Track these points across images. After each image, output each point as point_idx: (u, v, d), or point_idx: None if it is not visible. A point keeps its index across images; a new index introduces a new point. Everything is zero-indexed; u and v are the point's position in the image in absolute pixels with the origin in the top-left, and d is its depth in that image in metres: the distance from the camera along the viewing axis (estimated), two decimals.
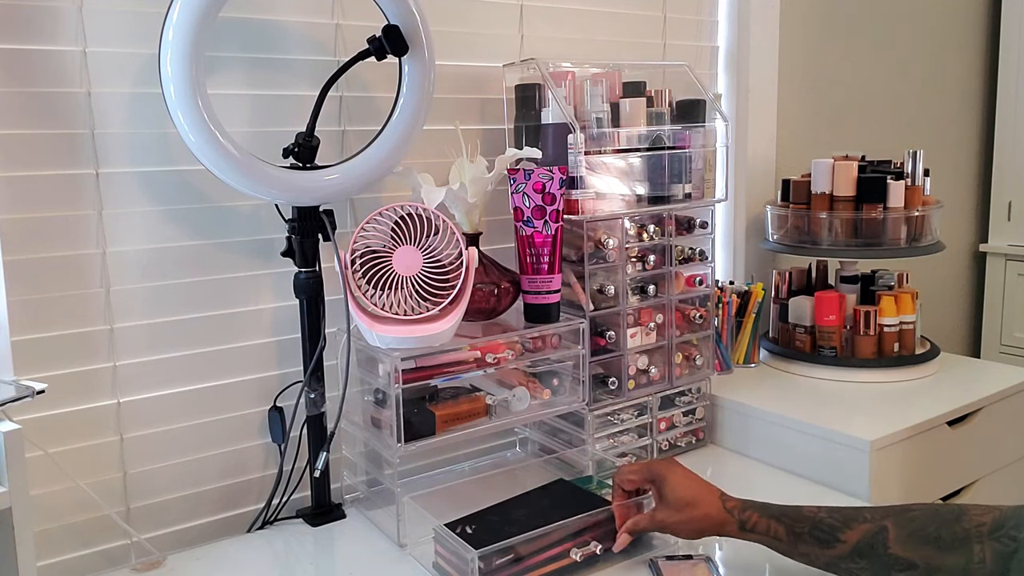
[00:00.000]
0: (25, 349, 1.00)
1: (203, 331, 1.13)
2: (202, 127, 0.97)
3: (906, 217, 1.52)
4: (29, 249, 1.00)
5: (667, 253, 1.31)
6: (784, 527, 0.90)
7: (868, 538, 0.85)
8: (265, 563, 1.06)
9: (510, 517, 1.03)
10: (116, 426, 1.08)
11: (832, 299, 1.52)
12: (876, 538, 0.84)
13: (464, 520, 1.02)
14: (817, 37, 1.87)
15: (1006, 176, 2.33)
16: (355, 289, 1.04)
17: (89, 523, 1.06)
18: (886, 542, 0.83)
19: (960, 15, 2.27)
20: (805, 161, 1.61)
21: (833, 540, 0.86)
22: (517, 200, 1.16)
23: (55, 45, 0.99)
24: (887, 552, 0.83)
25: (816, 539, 0.88)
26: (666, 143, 1.29)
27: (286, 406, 1.17)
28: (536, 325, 1.17)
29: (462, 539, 0.95)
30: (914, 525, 0.83)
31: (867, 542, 0.84)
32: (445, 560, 0.99)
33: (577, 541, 0.99)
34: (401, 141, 1.11)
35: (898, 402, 1.38)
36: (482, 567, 0.92)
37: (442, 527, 0.99)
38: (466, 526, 1.00)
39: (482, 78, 1.33)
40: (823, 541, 0.87)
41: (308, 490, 1.18)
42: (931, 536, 0.82)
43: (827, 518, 0.88)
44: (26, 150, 0.99)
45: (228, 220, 1.14)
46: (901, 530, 0.83)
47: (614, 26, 1.50)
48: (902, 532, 0.83)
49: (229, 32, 1.09)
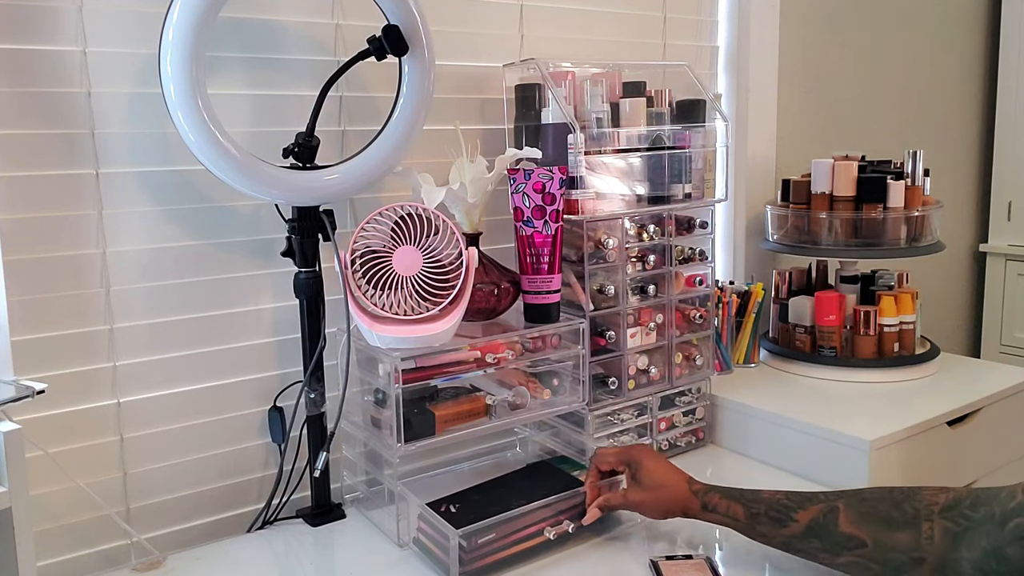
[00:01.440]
0: (25, 349, 1.00)
1: (203, 331, 1.13)
2: (202, 127, 0.97)
3: (906, 217, 1.52)
4: (29, 249, 1.00)
5: (667, 253, 1.31)
6: (743, 507, 0.95)
7: (820, 517, 0.88)
8: (265, 563, 1.06)
9: (491, 496, 1.07)
10: (116, 426, 1.08)
11: (832, 299, 1.52)
12: (828, 517, 0.87)
13: (447, 499, 1.06)
14: (817, 37, 1.87)
15: (1006, 176, 2.33)
16: (355, 289, 1.04)
17: (89, 523, 1.06)
18: (837, 521, 0.86)
19: (960, 15, 2.27)
20: (805, 161, 1.61)
21: (788, 520, 0.90)
22: (517, 200, 1.16)
23: (55, 45, 0.99)
24: (838, 530, 0.86)
25: (772, 519, 0.91)
26: (666, 143, 1.29)
27: (286, 406, 1.17)
28: (536, 325, 1.17)
29: (447, 516, 1.00)
30: (866, 505, 0.86)
31: (819, 521, 0.87)
32: (427, 536, 1.02)
33: (552, 520, 1.03)
34: (401, 141, 1.11)
35: (898, 402, 1.38)
36: (463, 545, 0.95)
37: (426, 507, 1.02)
38: (450, 505, 1.04)
39: (482, 78, 1.33)
40: (778, 521, 0.91)
41: (308, 490, 1.18)
42: (881, 515, 0.84)
43: (783, 500, 0.92)
44: (26, 150, 0.99)
45: (228, 220, 1.14)
46: (852, 510, 0.86)
47: (614, 26, 1.50)
48: (853, 512, 0.86)
49: (229, 32, 1.09)
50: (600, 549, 1.04)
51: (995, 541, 0.75)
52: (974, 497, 0.79)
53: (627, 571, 0.99)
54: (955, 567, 0.78)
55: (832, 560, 0.87)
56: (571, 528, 1.03)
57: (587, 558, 1.02)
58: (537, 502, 1.01)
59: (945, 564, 0.79)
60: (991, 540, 0.75)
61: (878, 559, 0.83)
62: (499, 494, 1.08)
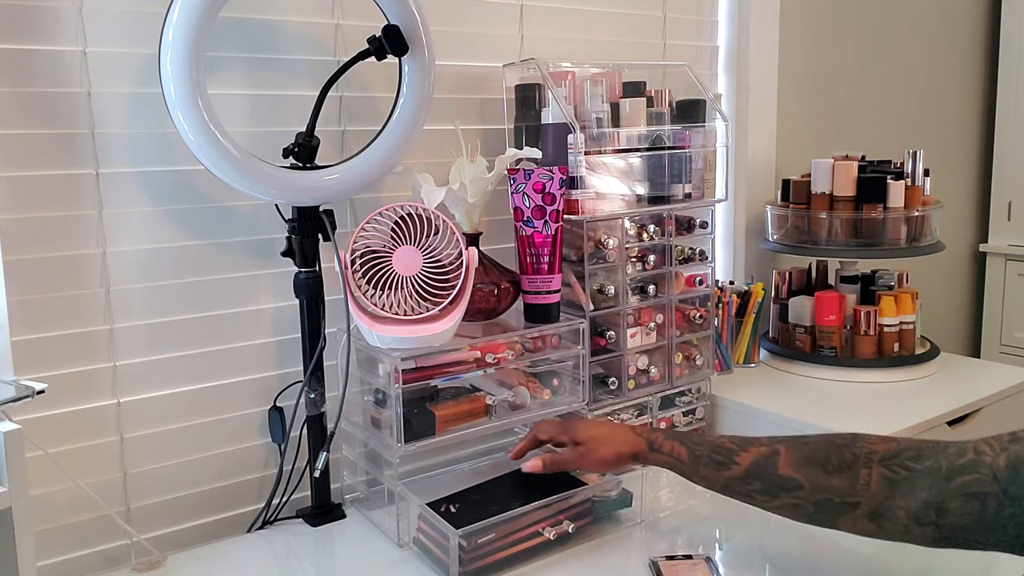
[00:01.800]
0: (25, 349, 1.00)
1: (203, 331, 1.13)
2: (202, 127, 0.97)
3: (906, 217, 1.52)
4: (29, 249, 1.00)
5: (667, 253, 1.31)
6: (686, 449, 0.95)
7: (760, 460, 0.89)
8: (265, 563, 1.06)
9: (491, 495, 1.06)
10: (116, 426, 1.08)
11: (832, 299, 1.52)
12: (768, 460, 0.88)
13: (447, 499, 1.06)
14: (817, 37, 1.87)
15: (1006, 176, 2.33)
16: (355, 289, 1.04)
17: (89, 523, 1.06)
18: (777, 464, 0.87)
19: (960, 15, 2.27)
20: (805, 161, 1.61)
21: (729, 462, 0.91)
22: (517, 200, 1.16)
23: (55, 45, 0.99)
24: (777, 473, 0.87)
25: (714, 461, 0.92)
26: (666, 143, 1.29)
27: (286, 406, 1.17)
28: (536, 325, 1.17)
29: (447, 516, 0.99)
30: (805, 449, 0.87)
31: (759, 464, 0.89)
32: (427, 536, 1.02)
33: (552, 520, 1.02)
34: (401, 141, 1.11)
35: (898, 402, 1.38)
36: (463, 545, 0.95)
37: (426, 507, 1.02)
38: (450, 505, 1.04)
39: (482, 78, 1.33)
40: (719, 463, 0.92)
41: (308, 490, 1.18)
42: (820, 459, 0.85)
43: (727, 443, 0.93)
44: (26, 150, 0.99)
45: (228, 220, 1.14)
46: (792, 453, 0.87)
47: (614, 26, 1.50)
48: (792, 455, 0.87)
49: (229, 32, 1.09)
50: (600, 549, 1.04)
51: (937, 495, 0.75)
52: (917, 449, 0.80)
53: (627, 571, 0.99)
54: (890, 514, 0.79)
55: (769, 502, 0.88)
56: (571, 528, 1.03)
57: (587, 558, 1.02)
58: (537, 502, 1.01)
59: (879, 511, 0.80)
60: (933, 493, 0.76)
61: (813, 501, 0.84)
62: (499, 494, 1.08)
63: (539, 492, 1.04)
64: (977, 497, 0.73)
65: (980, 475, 0.73)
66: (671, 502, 1.17)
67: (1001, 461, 0.72)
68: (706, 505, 1.16)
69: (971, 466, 0.74)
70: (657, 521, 1.11)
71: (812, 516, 0.85)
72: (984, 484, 0.72)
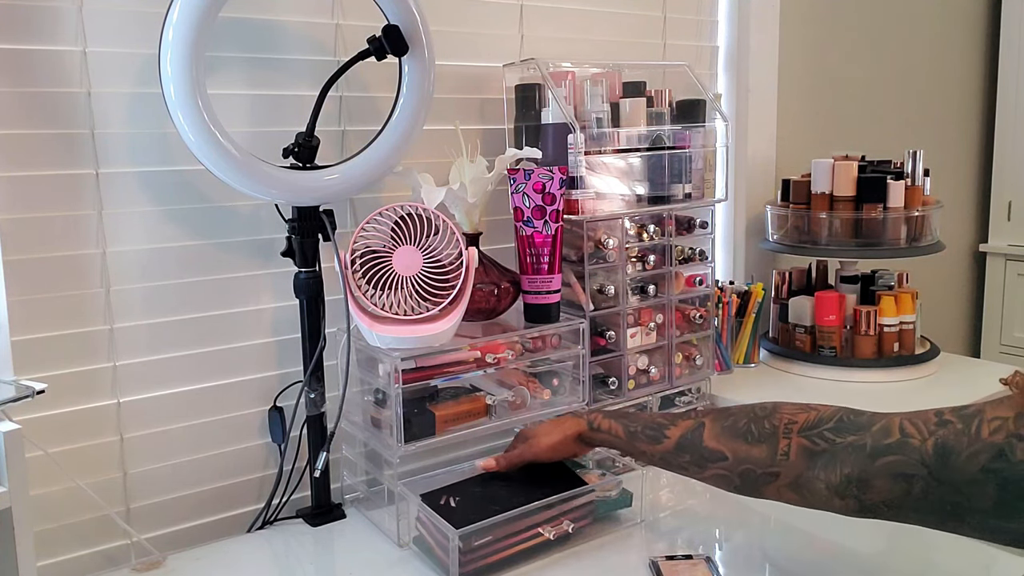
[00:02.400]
0: (25, 349, 1.00)
1: (203, 331, 1.13)
2: (202, 127, 0.97)
3: (906, 217, 1.52)
4: (29, 249, 1.00)
5: (667, 253, 1.31)
6: (622, 427, 1.00)
7: (688, 433, 0.93)
8: (265, 563, 1.06)
9: (491, 488, 1.05)
10: (116, 426, 1.08)
11: (832, 299, 1.52)
12: (695, 433, 0.92)
13: (447, 490, 1.05)
14: (817, 37, 1.87)
15: (1006, 176, 2.33)
16: (355, 289, 1.04)
17: (89, 523, 1.06)
18: (702, 436, 0.91)
19: (960, 15, 2.27)
20: (805, 161, 1.61)
21: (661, 437, 0.95)
22: (517, 200, 1.16)
23: (55, 45, 0.99)
24: (703, 445, 0.91)
25: (648, 437, 0.97)
26: (666, 143, 1.29)
27: (286, 406, 1.17)
28: (536, 325, 1.17)
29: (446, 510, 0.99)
30: (728, 421, 0.90)
31: (687, 437, 0.93)
32: (425, 529, 1.02)
33: (551, 520, 1.02)
34: (401, 141, 1.11)
35: (898, 402, 1.37)
36: (461, 547, 0.95)
37: (425, 505, 1.01)
38: (449, 498, 1.03)
39: (482, 78, 1.33)
40: (653, 439, 0.96)
41: (308, 490, 1.18)
42: (741, 430, 0.88)
43: (658, 419, 0.98)
44: (26, 150, 0.99)
45: (228, 220, 1.14)
46: (716, 425, 0.91)
47: (614, 26, 1.50)
48: (716, 427, 0.91)
49: (229, 32, 1.09)
50: (600, 549, 1.04)
51: (861, 471, 0.77)
52: (838, 421, 0.82)
53: (627, 571, 0.99)
54: (810, 485, 0.81)
55: (700, 474, 0.92)
56: (571, 528, 1.03)
57: (587, 558, 1.02)
58: (537, 502, 1.01)
59: (800, 481, 0.82)
60: (855, 468, 0.78)
61: (737, 472, 0.88)
62: (499, 488, 1.07)
63: (539, 485, 1.04)
64: (903, 478, 0.74)
65: (906, 457, 0.75)
66: (671, 502, 1.17)
67: (928, 446, 0.74)
68: (706, 505, 1.16)
69: (897, 447, 0.76)
70: (657, 521, 1.11)
71: (739, 487, 0.89)
72: (911, 467, 0.74)
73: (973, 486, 0.70)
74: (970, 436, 0.71)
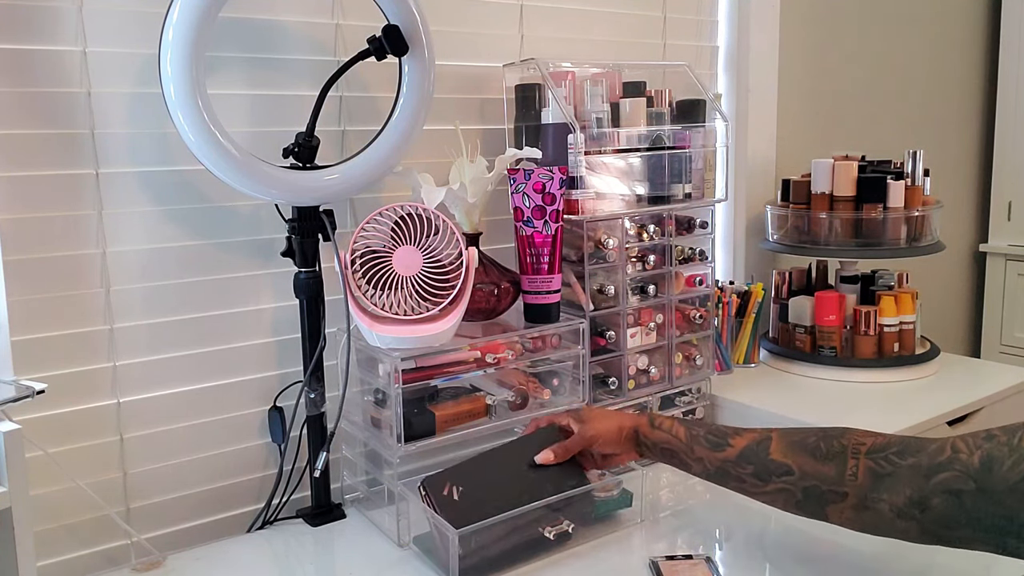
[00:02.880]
0: (25, 349, 1.00)
1: (203, 331, 1.13)
2: (202, 127, 0.97)
3: (906, 217, 1.52)
4: (29, 249, 1.00)
5: (667, 253, 1.31)
6: (684, 428, 0.99)
7: (753, 444, 0.92)
8: (265, 563, 1.06)
9: (494, 477, 1.03)
10: (116, 426, 1.08)
11: (832, 299, 1.52)
12: (760, 445, 0.91)
13: (448, 475, 1.01)
14: (817, 37, 1.87)
15: (1006, 176, 2.33)
16: (355, 289, 1.04)
17: (89, 523, 1.06)
18: (768, 449, 0.90)
19: (960, 15, 2.27)
20: (805, 161, 1.61)
21: (724, 444, 0.94)
22: (517, 200, 1.16)
23: (55, 45, 0.99)
24: (768, 457, 0.90)
25: (709, 443, 0.95)
26: (666, 143, 1.29)
27: (286, 406, 1.17)
28: (536, 325, 1.17)
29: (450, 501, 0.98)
30: (796, 436, 0.90)
31: (752, 448, 0.92)
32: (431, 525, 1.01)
33: (551, 520, 1.02)
34: (401, 141, 1.11)
35: (898, 402, 1.38)
36: (461, 553, 0.94)
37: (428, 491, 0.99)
38: (454, 487, 1.01)
39: (482, 78, 1.33)
40: (716, 445, 0.95)
41: (308, 490, 1.18)
42: (810, 446, 0.87)
43: (722, 427, 0.97)
44: (26, 150, 0.99)
45: (228, 220, 1.14)
46: (784, 439, 0.90)
47: (614, 26, 1.50)
48: (784, 441, 0.90)
49: (229, 32, 1.09)
50: (600, 549, 1.04)
51: (919, 490, 0.78)
52: (903, 445, 0.82)
53: (627, 571, 0.99)
54: (875, 507, 0.81)
55: (760, 488, 0.90)
56: (571, 528, 1.03)
57: (587, 558, 1.02)
58: (538, 502, 1.01)
59: (865, 502, 0.82)
60: (915, 488, 0.78)
61: (802, 487, 0.86)
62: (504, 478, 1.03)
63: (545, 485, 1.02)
64: (954, 493, 0.75)
65: (956, 472, 0.75)
66: (671, 502, 1.17)
67: (975, 459, 0.75)
68: (706, 505, 1.16)
69: (948, 463, 0.76)
70: (657, 521, 1.11)
71: (801, 504, 0.87)
72: (960, 481, 0.75)
73: (1014, 495, 0.71)
74: (1011, 446, 0.73)
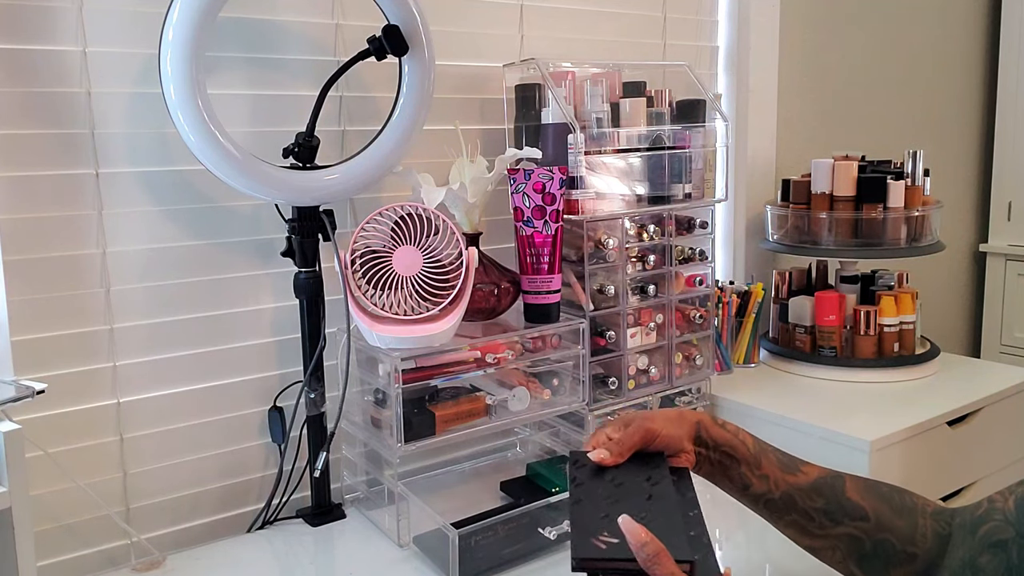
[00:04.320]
0: (25, 349, 1.00)
1: (203, 331, 1.13)
2: (202, 127, 0.97)
3: (906, 217, 1.52)
4: (29, 249, 1.00)
5: (667, 253, 1.31)
6: (752, 438, 0.87)
7: (828, 479, 0.83)
8: (265, 563, 1.06)
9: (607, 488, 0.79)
10: (116, 426, 1.08)
11: (832, 299, 1.52)
12: (835, 481, 0.83)
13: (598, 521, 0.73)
14: (817, 37, 1.87)
15: (1006, 176, 2.33)
16: (355, 289, 1.04)
17: (89, 523, 1.06)
18: (844, 487, 0.82)
19: (960, 15, 2.27)
20: (805, 161, 1.61)
21: (795, 469, 0.84)
22: (517, 200, 1.16)
23: (55, 45, 0.99)
24: (844, 495, 0.82)
25: (780, 461, 0.85)
26: (666, 143, 1.29)
27: (286, 406, 1.17)
28: (536, 325, 1.17)
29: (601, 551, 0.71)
30: (868, 482, 0.83)
31: (827, 482, 0.83)
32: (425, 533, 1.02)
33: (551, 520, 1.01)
34: (401, 141, 1.11)
35: (898, 402, 1.38)
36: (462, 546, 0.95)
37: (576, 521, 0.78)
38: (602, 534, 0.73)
39: (482, 78, 1.33)
40: (786, 466, 0.85)
41: (308, 490, 1.18)
42: (884, 494, 0.81)
43: (792, 455, 0.87)
44: (26, 150, 0.99)
45: (228, 220, 1.14)
46: (857, 482, 0.83)
47: (614, 26, 1.50)
48: (858, 483, 0.83)
49: (229, 32, 1.09)
50: None
51: (969, 551, 0.75)
52: (952, 510, 0.80)
53: None
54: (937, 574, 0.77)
55: (826, 529, 0.81)
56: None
57: None
58: (538, 502, 1.01)
59: (931, 569, 0.78)
60: (966, 550, 0.75)
61: (874, 538, 0.80)
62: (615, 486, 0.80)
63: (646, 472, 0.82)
64: (999, 546, 0.71)
65: (996, 521, 0.72)
66: None
67: (1011, 504, 0.72)
68: (706, 505, 1.15)
69: (986, 515, 0.74)
70: None
71: (866, 557, 0.80)
72: (1001, 530, 0.72)
73: None
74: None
